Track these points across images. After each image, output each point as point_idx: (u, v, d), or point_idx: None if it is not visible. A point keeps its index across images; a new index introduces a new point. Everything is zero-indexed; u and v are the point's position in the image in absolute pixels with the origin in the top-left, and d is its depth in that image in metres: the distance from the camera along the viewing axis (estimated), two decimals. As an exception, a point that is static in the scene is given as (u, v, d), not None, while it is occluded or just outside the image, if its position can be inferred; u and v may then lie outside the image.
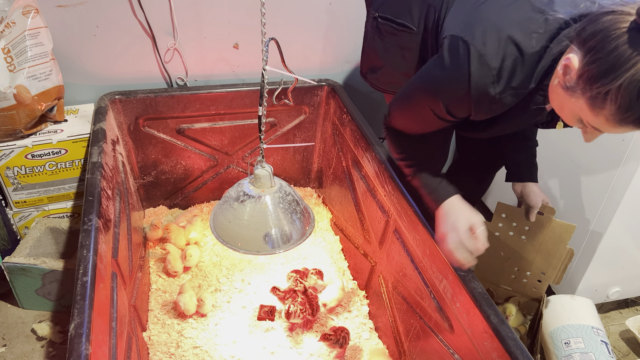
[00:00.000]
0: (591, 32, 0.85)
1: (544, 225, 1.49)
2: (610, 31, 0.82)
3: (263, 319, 1.61)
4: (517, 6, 0.99)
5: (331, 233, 2.02)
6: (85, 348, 0.91)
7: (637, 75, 0.79)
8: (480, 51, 0.97)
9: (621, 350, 1.78)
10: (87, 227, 1.19)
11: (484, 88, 0.99)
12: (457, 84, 1.02)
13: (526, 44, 0.96)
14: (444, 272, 1.21)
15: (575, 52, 0.89)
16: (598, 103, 0.85)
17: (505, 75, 0.98)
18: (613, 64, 0.81)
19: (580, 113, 0.91)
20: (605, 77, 0.82)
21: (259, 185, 1.20)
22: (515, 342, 0.99)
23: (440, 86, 1.06)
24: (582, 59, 0.87)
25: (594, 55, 0.84)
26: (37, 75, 1.59)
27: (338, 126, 1.93)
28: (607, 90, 0.82)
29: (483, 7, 1.04)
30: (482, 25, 0.99)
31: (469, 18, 1.03)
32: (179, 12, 1.80)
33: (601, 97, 0.83)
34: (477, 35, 0.98)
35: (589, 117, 0.89)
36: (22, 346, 1.58)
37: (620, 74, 0.80)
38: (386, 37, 1.41)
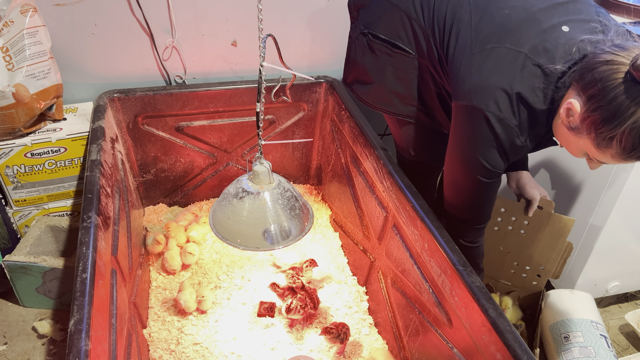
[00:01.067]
0: (590, 80, 0.94)
1: (543, 219, 1.49)
2: (608, 81, 0.91)
3: (263, 316, 1.62)
4: (517, 64, 1.07)
5: (330, 229, 2.02)
6: (85, 344, 0.92)
7: (637, 122, 0.89)
8: (498, 116, 1.09)
9: (620, 344, 1.78)
10: (86, 225, 1.20)
11: (512, 141, 1.12)
12: (491, 147, 1.14)
13: (533, 99, 1.07)
14: (443, 267, 1.21)
15: (575, 97, 0.99)
16: (604, 144, 0.95)
17: (524, 126, 1.10)
18: (614, 112, 0.90)
19: (586, 149, 1.02)
20: (609, 124, 0.92)
21: (257, 182, 1.20)
22: (514, 335, 0.99)
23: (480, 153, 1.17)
24: (583, 104, 0.97)
25: (595, 103, 0.93)
26: (35, 73, 1.59)
27: (337, 123, 1.94)
28: (613, 135, 0.92)
29: (485, 69, 1.11)
30: (491, 91, 1.09)
31: (474, 83, 1.12)
32: (177, 10, 1.80)
33: (607, 140, 0.94)
34: (490, 103, 1.09)
35: (595, 154, 1.00)
36: (23, 344, 1.59)
37: (622, 121, 0.90)
38: (379, 56, 1.41)
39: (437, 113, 1.41)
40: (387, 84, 1.44)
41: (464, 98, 1.14)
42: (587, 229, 1.66)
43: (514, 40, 1.07)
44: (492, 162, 1.17)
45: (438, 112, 1.41)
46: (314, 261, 1.75)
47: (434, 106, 1.40)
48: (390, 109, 1.50)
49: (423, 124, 1.49)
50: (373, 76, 1.46)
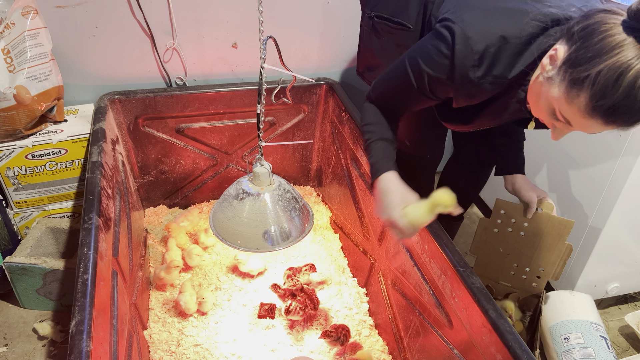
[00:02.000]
0: (583, 25, 0.88)
1: (543, 221, 1.50)
2: (601, 24, 0.85)
3: (263, 317, 1.62)
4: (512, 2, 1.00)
5: (331, 231, 2.02)
6: (86, 345, 0.92)
7: (617, 63, 0.81)
8: (466, 33, 0.99)
9: (620, 346, 1.78)
10: (87, 226, 1.20)
11: (464, 70, 1.00)
12: (442, 61, 1.03)
13: (513, 33, 0.97)
14: (443, 268, 1.21)
15: (562, 44, 0.91)
16: (575, 89, 0.86)
17: (486, 61, 0.99)
18: (598, 51, 0.83)
19: (554, 103, 0.92)
20: (587, 63, 0.84)
21: (258, 183, 1.21)
22: (514, 336, 1.00)
23: (428, 60, 1.06)
24: (568, 49, 0.89)
25: (582, 44, 0.86)
26: (36, 75, 1.60)
27: (337, 124, 1.94)
28: (587, 75, 0.84)
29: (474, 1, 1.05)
30: (473, 9, 1.01)
31: (460, 3, 1.05)
32: (178, 12, 1.81)
33: (579, 82, 0.85)
34: (466, 18, 1.00)
35: (563, 106, 0.91)
36: (23, 345, 1.59)
37: (602, 61, 0.82)
38: (383, 35, 1.42)
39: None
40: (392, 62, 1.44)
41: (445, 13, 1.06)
42: (586, 230, 1.67)
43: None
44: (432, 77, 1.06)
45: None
46: (314, 266, 1.75)
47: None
48: None
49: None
50: (380, 57, 1.47)
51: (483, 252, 1.63)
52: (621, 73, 0.81)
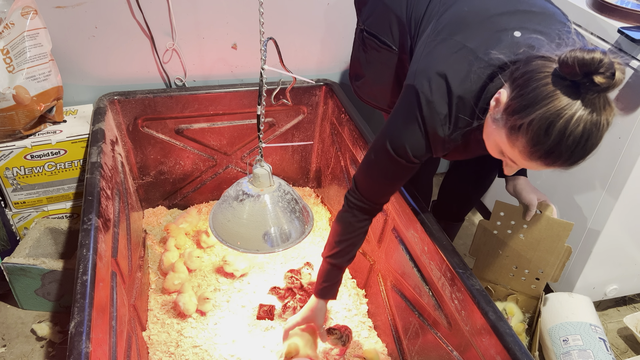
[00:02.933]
0: (522, 71, 0.93)
1: (542, 223, 1.50)
2: (536, 73, 0.89)
3: (262, 318, 1.62)
4: (460, 55, 1.06)
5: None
6: (85, 346, 0.92)
7: (547, 113, 0.86)
8: (428, 99, 1.06)
9: (619, 348, 1.78)
10: (86, 227, 1.20)
11: (434, 129, 1.08)
12: (415, 128, 1.11)
13: (467, 88, 1.04)
14: (442, 270, 1.21)
15: (506, 88, 0.97)
16: (514, 135, 0.92)
17: (452, 118, 1.07)
18: (531, 100, 0.88)
19: (500, 144, 0.99)
20: (522, 111, 0.89)
21: (258, 184, 1.21)
22: (514, 339, 1.00)
23: (404, 131, 1.14)
24: (510, 94, 0.94)
25: (519, 92, 0.92)
26: (36, 76, 1.59)
27: (336, 126, 1.94)
28: (521, 124, 0.89)
29: (431, 55, 1.11)
30: (429, 73, 1.07)
31: (420, 66, 1.12)
32: (178, 13, 1.81)
33: (516, 129, 0.91)
34: (425, 83, 1.07)
35: (506, 148, 0.97)
36: (21, 346, 1.58)
37: (534, 110, 0.87)
38: (369, 50, 1.45)
39: None
40: (376, 78, 1.48)
41: (409, 78, 1.14)
42: (585, 232, 1.67)
43: (464, 36, 1.08)
44: (411, 142, 1.13)
45: None
46: (311, 264, 1.76)
47: None
48: (378, 103, 1.54)
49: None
50: (365, 70, 1.51)
51: (482, 254, 1.63)
52: (551, 122, 0.86)
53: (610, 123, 0.87)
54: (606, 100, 0.85)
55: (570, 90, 0.84)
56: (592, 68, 0.80)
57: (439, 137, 1.09)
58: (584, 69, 0.81)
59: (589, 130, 0.85)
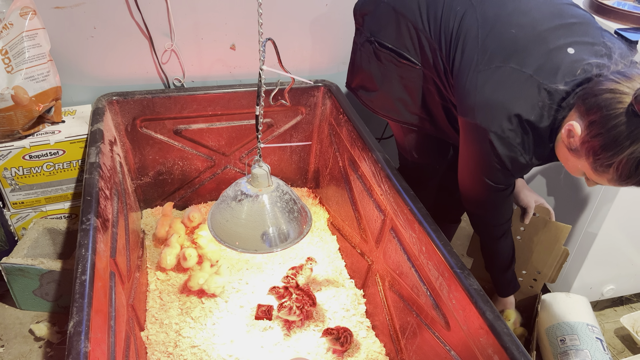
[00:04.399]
0: (592, 105, 0.96)
1: (539, 226, 1.50)
2: (609, 109, 0.93)
3: (261, 318, 1.62)
4: (522, 83, 1.08)
5: (328, 233, 2.02)
6: (84, 346, 0.92)
7: (634, 154, 0.91)
8: (501, 136, 1.10)
9: (616, 348, 1.79)
10: (85, 227, 1.20)
11: (515, 159, 1.13)
12: (492, 163, 1.16)
13: (536, 117, 1.08)
14: (440, 270, 1.22)
15: (577, 120, 1.01)
16: (601, 169, 0.98)
17: (528, 145, 1.11)
18: (613, 141, 0.93)
19: (584, 170, 1.04)
20: (607, 152, 0.95)
21: (256, 185, 1.21)
22: (511, 338, 1.00)
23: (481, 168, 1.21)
24: (584, 128, 0.99)
25: (596, 130, 0.96)
26: (34, 76, 1.59)
27: (335, 126, 1.94)
28: (611, 163, 0.95)
29: (488, 87, 1.12)
30: (495, 111, 1.10)
31: (478, 101, 1.13)
32: (176, 14, 1.81)
33: (604, 166, 0.97)
34: (493, 122, 1.10)
35: (592, 176, 1.03)
36: (19, 347, 1.58)
37: (620, 151, 0.93)
38: (385, 64, 1.40)
39: (442, 123, 1.42)
40: (393, 91, 1.44)
41: (469, 115, 1.16)
42: (582, 233, 1.68)
43: (520, 60, 1.08)
44: (495, 179, 1.21)
45: (443, 122, 1.41)
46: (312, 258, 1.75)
47: (439, 116, 1.41)
48: (395, 116, 1.50)
49: (428, 132, 1.50)
50: (378, 83, 1.46)
51: (479, 255, 1.63)
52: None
53: None
54: None
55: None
56: None
57: (521, 164, 1.14)
58: None
59: None
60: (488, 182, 1.22)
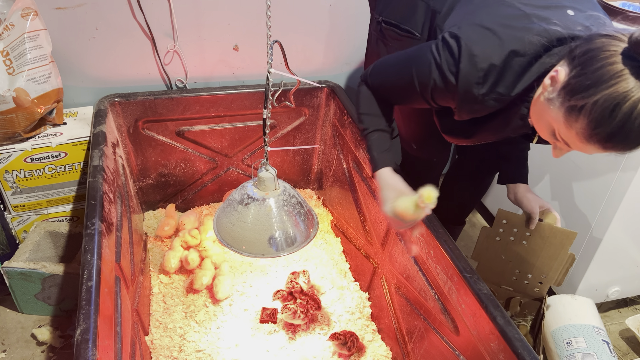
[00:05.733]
0: (584, 49, 0.88)
1: (545, 232, 1.49)
2: (601, 51, 0.85)
3: (265, 322, 1.61)
4: (516, 15, 1.01)
5: (332, 235, 2.01)
6: (92, 354, 0.90)
7: (613, 94, 0.81)
8: (472, 51, 1.00)
9: (621, 349, 1.79)
10: (90, 232, 1.18)
11: (469, 87, 1.02)
12: (447, 74, 1.04)
13: (518, 51, 0.97)
14: (449, 274, 1.21)
15: (564, 66, 0.92)
16: (573, 116, 0.88)
17: (491, 79, 1.00)
18: (595, 80, 0.84)
19: (554, 125, 0.94)
20: (585, 91, 0.85)
21: (263, 188, 1.19)
22: (523, 344, 0.99)
23: (433, 70, 1.07)
24: (569, 72, 0.90)
25: (581, 70, 0.87)
26: (36, 78, 1.58)
27: (338, 128, 1.93)
28: (584, 104, 0.85)
29: (481, 11, 1.06)
30: (479, 27, 1.01)
31: (466, 19, 1.06)
32: (179, 14, 1.79)
33: (577, 110, 0.86)
34: (472, 35, 1.01)
35: (562, 129, 0.92)
36: (22, 351, 1.57)
37: (599, 91, 0.83)
38: (390, 42, 1.42)
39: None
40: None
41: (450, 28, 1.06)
42: (588, 235, 1.67)
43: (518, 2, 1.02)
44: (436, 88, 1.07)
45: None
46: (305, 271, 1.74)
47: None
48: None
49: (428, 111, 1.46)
50: None
51: (485, 258, 1.62)
52: (617, 104, 0.81)
53: None
54: None
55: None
56: None
57: (471, 95, 1.02)
58: None
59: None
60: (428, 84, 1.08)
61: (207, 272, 1.68)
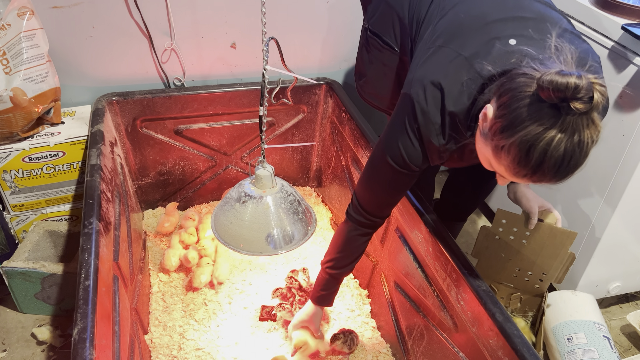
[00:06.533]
0: (506, 88, 0.92)
1: (545, 232, 1.48)
2: (518, 92, 0.88)
3: (265, 320, 1.61)
4: (455, 64, 1.05)
5: (331, 232, 2.01)
6: (89, 353, 0.90)
7: (527, 137, 0.86)
8: (423, 109, 1.06)
9: (622, 345, 1.78)
10: (87, 231, 1.18)
11: (429, 138, 1.08)
12: (412, 137, 1.10)
13: (460, 96, 1.03)
14: (448, 271, 1.21)
15: (493, 103, 0.96)
16: (499, 153, 0.93)
17: (445, 126, 1.07)
18: (512, 122, 0.88)
19: (489, 159, 0.99)
20: (505, 132, 0.89)
21: (260, 186, 1.19)
22: (522, 340, 0.99)
23: (400, 140, 1.13)
24: (495, 110, 0.94)
25: (502, 111, 0.91)
26: (33, 77, 1.57)
27: (337, 125, 1.93)
28: (504, 145, 0.90)
29: (427, 64, 1.10)
30: (424, 83, 1.07)
31: (417, 75, 1.11)
32: (176, 12, 1.79)
33: (499, 149, 0.92)
34: (420, 93, 1.07)
35: (494, 163, 0.97)
36: (22, 351, 1.57)
37: (515, 132, 0.87)
38: (372, 50, 1.44)
39: None
40: (376, 77, 1.48)
41: (406, 87, 1.14)
42: (588, 230, 1.66)
43: (459, 44, 1.07)
44: (408, 150, 1.13)
45: None
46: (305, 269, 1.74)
47: None
48: (377, 103, 1.53)
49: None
50: (367, 70, 1.50)
51: (484, 256, 1.62)
52: (531, 145, 0.85)
53: (595, 140, 0.86)
54: (589, 119, 0.83)
55: (551, 112, 0.83)
56: (568, 94, 0.79)
57: (434, 147, 1.09)
58: (559, 95, 0.80)
59: (571, 151, 0.84)
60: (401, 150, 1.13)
61: (205, 270, 1.68)
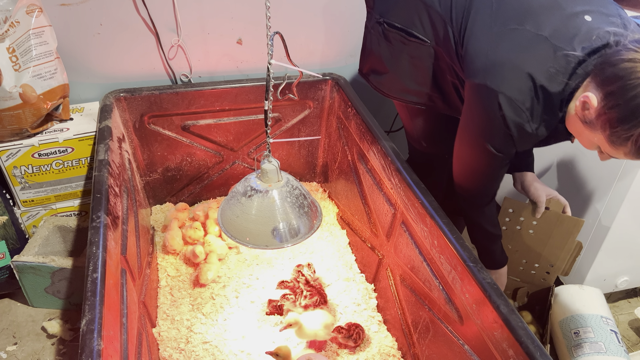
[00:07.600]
0: (610, 76, 0.92)
1: (552, 220, 1.48)
2: (629, 79, 0.89)
3: (272, 314, 1.62)
4: (537, 46, 1.04)
5: (337, 227, 2.02)
6: (97, 344, 0.92)
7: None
8: (510, 97, 1.05)
9: (630, 339, 1.77)
10: (95, 224, 1.20)
11: (521, 126, 1.08)
12: (497, 127, 1.11)
13: (549, 82, 1.03)
14: (453, 264, 1.21)
15: (593, 91, 0.96)
16: (618, 142, 0.94)
17: (537, 112, 1.06)
18: (633, 112, 0.88)
19: (599, 144, 1.00)
20: (625, 123, 0.90)
21: (266, 180, 1.20)
22: (526, 332, 0.99)
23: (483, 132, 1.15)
24: (601, 100, 0.94)
25: (614, 101, 0.91)
26: (42, 74, 1.59)
27: (343, 120, 1.93)
28: (629, 135, 0.90)
29: (502, 48, 1.08)
30: (506, 71, 1.06)
31: (490, 61, 1.09)
32: (182, 9, 1.80)
33: (622, 139, 0.92)
34: (503, 83, 1.06)
35: (607, 149, 0.99)
36: (32, 344, 1.59)
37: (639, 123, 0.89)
38: (394, 44, 1.40)
39: (453, 100, 1.40)
40: (403, 72, 1.44)
41: (479, 76, 1.11)
42: (596, 224, 1.65)
43: (535, 23, 1.05)
44: (497, 145, 1.15)
45: (454, 100, 1.39)
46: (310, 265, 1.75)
47: (450, 94, 1.39)
48: (407, 97, 1.49)
49: (440, 110, 1.48)
50: (388, 65, 1.46)
51: (492, 247, 1.61)
52: None
53: None
54: None
55: None
56: None
57: (526, 133, 1.09)
58: None
59: None
60: (489, 148, 1.16)
61: (212, 266, 1.69)
